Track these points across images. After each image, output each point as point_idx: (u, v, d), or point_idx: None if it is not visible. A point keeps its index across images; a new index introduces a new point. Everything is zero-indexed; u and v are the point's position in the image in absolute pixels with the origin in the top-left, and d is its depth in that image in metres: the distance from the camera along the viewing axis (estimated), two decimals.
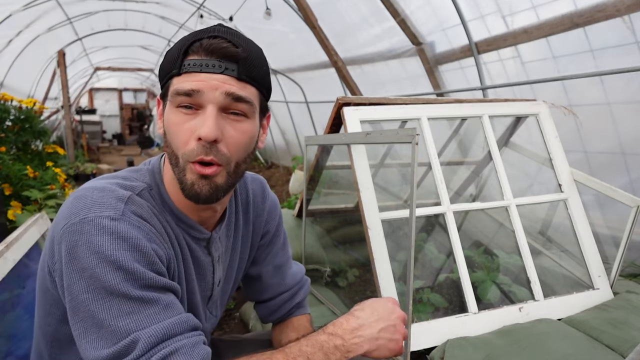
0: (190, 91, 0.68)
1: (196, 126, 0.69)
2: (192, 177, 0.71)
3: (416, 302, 1.71)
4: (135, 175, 0.79)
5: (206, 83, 0.68)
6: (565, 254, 1.93)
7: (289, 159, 6.67)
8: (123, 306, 0.63)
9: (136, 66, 12.35)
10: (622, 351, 1.29)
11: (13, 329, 1.16)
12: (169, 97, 0.71)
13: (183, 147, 0.70)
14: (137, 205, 0.71)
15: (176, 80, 0.71)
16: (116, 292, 0.63)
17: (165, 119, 0.73)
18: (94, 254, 0.63)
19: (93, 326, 0.63)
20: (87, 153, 8.94)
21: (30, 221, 1.43)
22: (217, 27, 0.72)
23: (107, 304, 0.63)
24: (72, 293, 0.64)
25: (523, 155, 2.06)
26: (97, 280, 0.63)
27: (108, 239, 0.64)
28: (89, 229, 0.64)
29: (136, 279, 0.65)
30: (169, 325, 0.65)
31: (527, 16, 2.44)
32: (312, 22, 3.49)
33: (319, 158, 2.03)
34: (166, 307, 0.67)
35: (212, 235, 0.84)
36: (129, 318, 0.63)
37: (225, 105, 0.70)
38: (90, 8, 6.41)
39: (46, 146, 2.95)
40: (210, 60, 0.69)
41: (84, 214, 0.66)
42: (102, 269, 0.63)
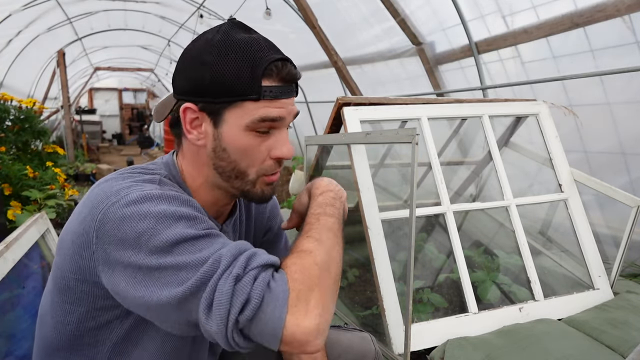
0: (277, 118, 0.73)
1: (272, 146, 0.76)
2: (263, 187, 0.78)
3: (416, 302, 1.71)
4: (153, 167, 0.82)
5: (287, 110, 0.74)
6: (565, 254, 1.93)
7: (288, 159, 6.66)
8: (193, 247, 0.63)
9: (136, 66, 12.34)
10: (622, 351, 1.29)
11: (13, 329, 1.16)
12: (248, 122, 0.72)
13: (259, 164, 0.76)
14: (169, 186, 0.75)
15: (253, 105, 0.71)
16: (184, 238, 0.63)
17: (230, 139, 0.74)
18: (148, 216, 0.64)
19: (172, 274, 0.62)
20: (87, 153, 8.94)
21: (30, 221, 1.43)
22: (271, 44, 0.74)
23: (178, 250, 0.63)
24: (137, 263, 0.63)
25: (523, 155, 2.06)
26: (158, 237, 0.63)
27: (158, 201, 0.66)
28: (134, 199, 0.65)
29: (198, 223, 0.67)
30: (240, 243, 0.67)
31: (527, 16, 2.44)
32: (312, 22, 3.49)
33: (319, 158, 2.03)
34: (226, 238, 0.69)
35: (222, 227, 0.86)
36: (203, 251, 0.63)
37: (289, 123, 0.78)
38: (90, 8, 6.41)
39: (46, 146, 2.95)
40: (287, 87, 0.73)
41: (124, 193, 0.66)
42: (163, 224, 0.64)
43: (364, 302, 2.02)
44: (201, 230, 0.66)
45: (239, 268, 0.61)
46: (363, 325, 1.70)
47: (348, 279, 2.22)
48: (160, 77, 13.12)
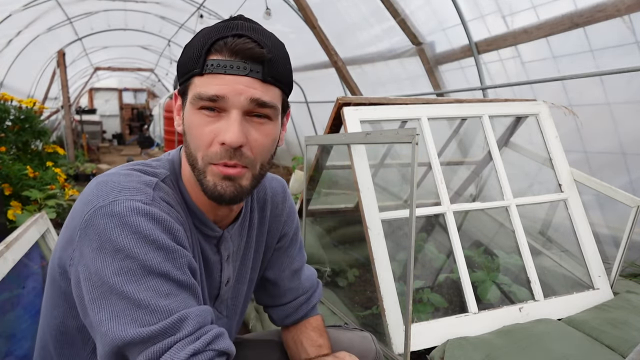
0: (214, 97, 0.66)
1: (219, 130, 0.67)
2: (214, 179, 0.69)
3: (416, 302, 1.71)
4: (156, 164, 0.78)
5: (230, 87, 0.66)
6: (565, 254, 1.93)
7: (289, 159, 6.66)
8: (162, 286, 0.61)
9: (136, 66, 12.35)
10: (622, 351, 1.29)
11: (13, 329, 1.16)
12: (190, 99, 0.69)
13: (205, 149, 0.69)
14: (165, 192, 0.71)
15: (198, 80, 0.68)
16: (156, 271, 0.61)
17: (186, 119, 0.71)
18: (132, 233, 0.61)
19: (128, 307, 0.60)
20: (87, 153, 8.93)
21: (30, 221, 1.43)
22: (241, 24, 0.69)
23: (146, 284, 0.60)
24: (101, 277, 0.61)
25: (523, 155, 2.06)
26: (135, 260, 0.61)
27: (144, 220, 0.63)
28: (122, 210, 0.63)
29: (176, 258, 0.64)
30: (206, 310, 0.65)
31: (527, 16, 2.44)
32: (312, 22, 3.49)
33: (319, 158, 2.03)
34: (196, 294, 0.67)
35: (223, 233, 0.83)
36: (169, 299, 0.61)
37: (249, 109, 0.68)
38: (90, 8, 6.41)
39: (46, 146, 2.95)
40: (235, 61, 0.66)
41: (113, 197, 0.64)
42: (141, 248, 0.61)
43: (364, 302, 2.02)
44: (175, 271, 0.63)
45: (201, 343, 0.60)
46: (363, 325, 1.70)
47: (348, 279, 2.22)
48: (161, 77, 13.13)
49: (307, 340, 0.95)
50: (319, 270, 2.14)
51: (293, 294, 1.00)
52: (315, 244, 2.21)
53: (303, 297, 1.01)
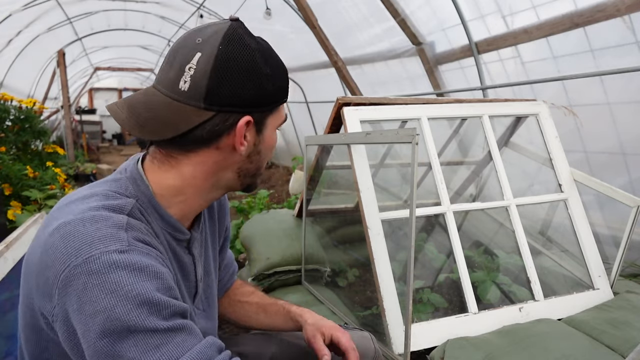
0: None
1: None
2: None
3: (416, 302, 1.71)
4: (115, 189, 0.73)
5: None
6: (565, 254, 1.93)
7: (289, 159, 6.66)
8: (150, 340, 0.60)
9: (136, 66, 12.35)
10: (622, 351, 1.29)
11: (13, 329, 1.16)
12: (279, 123, 0.82)
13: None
14: (137, 230, 0.68)
15: (282, 106, 0.82)
16: (142, 329, 0.59)
17: (271, 140, 0.81)
18: (110, 293, 0.59)
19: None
20: (87, 153, 8.94)
21: (30, 221, 1.43)
22: None
23: (133, 341, 0.59)
24: (88, 341, 0.60)
25: (523, 155, 2.06)
26: (117, 321, 0.59)
27: (124, 274, 0.60)
28: (98, 268, 0.60)
29: (161, 309, 0.62)
30: (202, 349, 0.63)
31: (527, 16, 2.44)
32: (312, 22, 3.49)
33: (319, 158, 2.03)
34: (191, 332, 0.64)
35: (192, 234, 0.84)
36: (159, 351, 0.60)
37: None
38: (90, 8, 6.41)
39: (46, 146, 2.95)
40: None
41: (87, 253, 0.61)
42: (122, 308, 0.59)
43: (364, 302, 2.02)
44: (162, 321, 0.61)
45: None
46: (363, 325, 1.70)
47: (348, 279, 2.22)
48: None
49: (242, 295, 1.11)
50: (319, 270, 2.14)
51: (228, 269, 1.12)
52: (315, 244, 2.21)
53: (232, 268, 1.13)
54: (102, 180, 0.77)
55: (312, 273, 2.11)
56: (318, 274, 2.14)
